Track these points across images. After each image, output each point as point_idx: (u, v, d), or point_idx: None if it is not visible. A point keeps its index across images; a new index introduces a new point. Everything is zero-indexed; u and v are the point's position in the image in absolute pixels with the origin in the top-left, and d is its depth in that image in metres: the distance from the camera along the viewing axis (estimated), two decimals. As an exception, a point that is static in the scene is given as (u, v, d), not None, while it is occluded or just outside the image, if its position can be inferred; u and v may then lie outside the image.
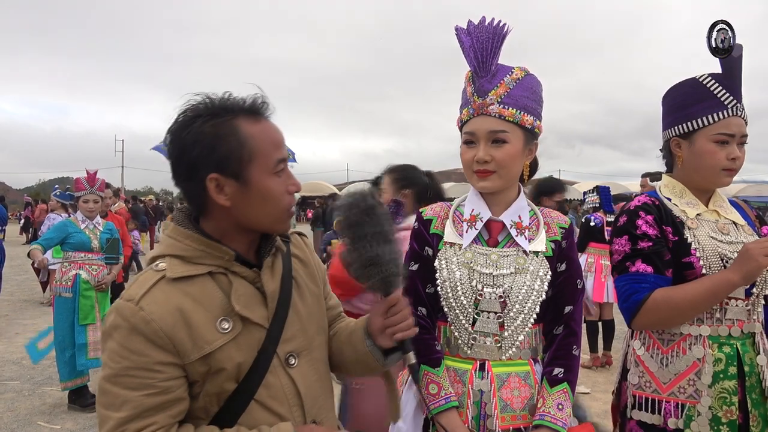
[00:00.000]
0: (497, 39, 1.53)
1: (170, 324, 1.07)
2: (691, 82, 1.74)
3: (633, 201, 1.80)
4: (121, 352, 1.06)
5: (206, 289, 1.13)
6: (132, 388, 1.05)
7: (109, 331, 1.09)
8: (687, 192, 1.77)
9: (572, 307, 1.61)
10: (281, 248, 1.29)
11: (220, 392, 1.13)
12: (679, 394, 1.65)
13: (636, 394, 1.74)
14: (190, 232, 1.16)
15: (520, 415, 1.54)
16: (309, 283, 1.34)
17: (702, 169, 1.71)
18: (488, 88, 1.54)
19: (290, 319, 1.23)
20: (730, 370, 1.63)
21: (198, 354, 1.09)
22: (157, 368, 1.06)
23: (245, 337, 1.15)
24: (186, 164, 1.13)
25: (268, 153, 1.15)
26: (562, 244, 1.62)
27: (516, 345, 1.56)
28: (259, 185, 1.14)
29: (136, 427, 1.04)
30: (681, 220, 1.71)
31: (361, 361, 1.34)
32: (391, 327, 1.27)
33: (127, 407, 1.05)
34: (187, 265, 1.14)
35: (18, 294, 9.72)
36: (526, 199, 1.67)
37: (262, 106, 1.18)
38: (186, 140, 1.11)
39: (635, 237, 1.70)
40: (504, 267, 1.56)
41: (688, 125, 1.71)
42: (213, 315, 1.12)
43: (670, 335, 1.69)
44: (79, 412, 4.36)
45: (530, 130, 1.57)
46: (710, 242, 1.67)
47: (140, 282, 1.12)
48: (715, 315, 1.65)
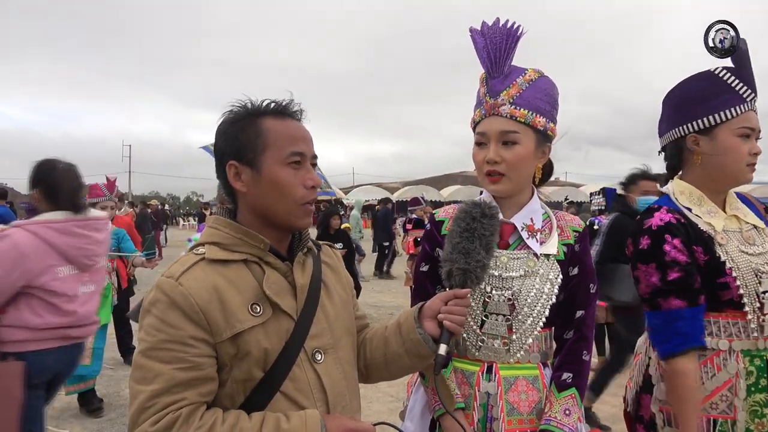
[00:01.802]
0: (511, 40, 1.53)
1: (206, 300, 1.13)
2: (706, 75, 1.65)
3: (653, 219, 1.63)
4: (158, 326, 1.11)
5: (241, 274, 1.20)
6: (165, 361, 1.10)
7: (148, 307, 1.14)
8: (705, 199, 1.66)
9: (584, 311, 1.59)
10: (312, 250, 1.36)
11: (247, 379, 1.16)
12: (711, 410, 1.58)
13: (664, 409, 1.66)
14: (230, 221, 1.25)
15: (528, 419, 1.53)
16: (338, 288, 1.39)
17: (726, 165, 1.62)
18: (500, 89, 1.54)
19: (318, 317, 1.27)
20: (761, 382, 1.57)
21: (230, 332, 1.13)
22: (190, 342, 1.11)
23: (273, 324, 1.19)
24: (217, 155, 1.26)
25: (282, 144, 1.22)
26: (575, 248, 1.60)
27: (524, 348, 1.55)
28: (270, 173, 1.21)
29: (167, 401, 1.08)
30: (709, 235, 1.60)
31: (409, 350, 1.35)
32: (446, 314, 1.30)
33: (159, 380, 1.09)
34: (224, 251, 1.21)
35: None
36: (540, 201, 1.65)
37: (288, 107, 1.27)
38: (217, 135, 1.26)
39: (664, 265, 1.57)
40: (513, 269, 1.55)
41: (709, 119, 1.61)
42: (245, 298, 1.17)
43: (702, 351, 1.60)
44: (86, 417, 4.37)
45: (543, 132, 1.55)
46: (742, 258, 1.58)
47: (181, 262, 1.20)
48: (752, 332, 1.58)
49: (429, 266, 1.66)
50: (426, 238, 1.71)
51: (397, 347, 1.37)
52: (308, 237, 1.35)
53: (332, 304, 1.34)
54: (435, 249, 1.66)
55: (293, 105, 1.28)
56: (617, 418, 4.15)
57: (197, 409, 1.10)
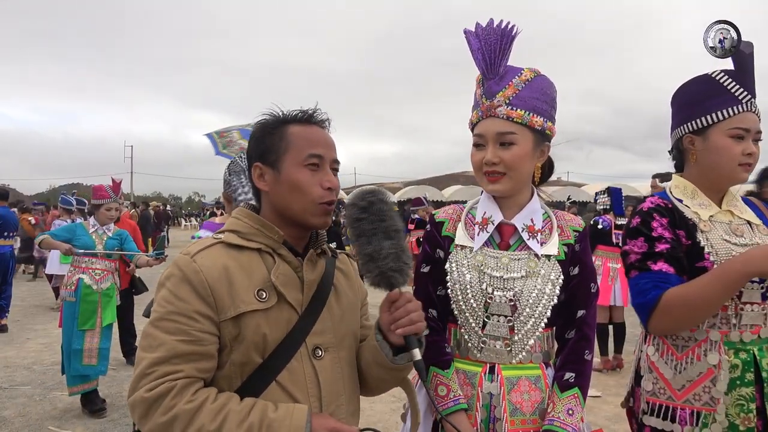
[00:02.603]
0: (505, 40, 1.52)
1: (215, 277, 1.19)
2: (703, 78, 1.70)
3: (645, 203, 1.76)
4: (168, 298, 1.18)
5: (253, 261, 1.26)
6: (169, 332, 1.16)
7: (163, 281, 1.22)
8: (699, 192, 1.73)
9: (585, 311, 1.59)
10: (327, 253, 1.41)
11: (245, 362, 1.20)
12: (695, 402, 1.62)
13: (650, 400, 1.70)
14: (251, 212, 1.34)
15: (530, 419, 1.53)
16: (348, 292, 1.42)
17: (718, 165, 1.67)
18: (496, 90, 1.54)
19: (323, 316, 1.31)
20: (747, 376, 1.59)
21: (233, 311, 1.19)
22: (195, 316, 1.17)
23: (276, 313, 1.23)
24: (247, 157, 1.37)
25: (302, 147, 1.29)
26: (575, 248, 1.60)
27: (526, 349, 1.55)
28: (289, 174, 1.28)
29: (165, 370, 1.13)
30: (693, 223, 1.68)
31: (377, 362, 1.34)
32: (395, 323, 1.28)
33: (161, 349, 1.14)
34: (241, 238, 1.29)
35: (29, 299, 9.81)
36: (540, 201, 1.65)
37: (314, 116, 1.35)
38: (250, 140, 1.37)
39: (652, 239, 1.66)
40: (515, 270, 1.55)
41: (703, 120, 1.67)
42: (253, 283, 1.23)
43: (685, 340, 1.66)
44: (89, 417, 4.38)
45: (540, 132, 1.56)
46: (723, 245, 1.63)
47: (200, 243, 1.28)
48: (731, 320, 1.61)
49: (430, 267, 1.66)
50: (427, 240, 1.71)
51: (369, 357, 1.38)
52: (324, 238, 1.40)
53: (339, 305, 1.36)
54: (436, 250, 1.66)
55: (320, 114, 1.36)
56: (620, 418, 4.15)
57: (193, 383, 1.15)
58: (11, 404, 4.65)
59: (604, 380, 5.43)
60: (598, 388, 5.12)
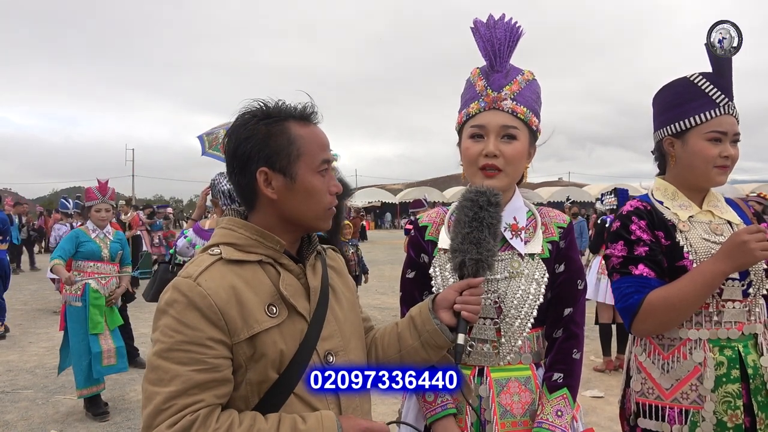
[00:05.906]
0: (513, 37, 1.55)
1: (224, 300, 1.12)
2: (682, 81, 1.73)
3: (625, 206, 1.79)
4: (175, 327, 1.10)
5: (257, 275, 1.20)
6: (183, 363, 1.09)
7: (164, 308, 1.13)
8: (679, 194, 1.75)
9: (572, 309, 1.58)
10: (321, 253, 1.38)
11: (262, 381, 1.16)
12: (683, 400, 1.63)
13: (639, 401, 1.71)
14: (245, 222, 1.26)
15: (521, 420, 1.51)
16: (345, 291, 1.41)
17: (695, 167, 1.70)
18: (503, 83, 1.54)
19: (328, 319, 1.28)
20: (733, 373, 1.60)
21: (247, 333, 1.13)
22: (208, 344, 1.10)
23: (289, 326, 1.20)
24: (240, 158, 1.22)
25: (315, 153, 1.24)
26: (560, 245, 1.59)
27: (515, 350, 1.54)
28: (305, 181, 1.23)
29: (184, 403, 1.07)
30: (673, 223, 1.70)
31: (426, 342, 1.36)
32: (462, 304, 1.32)
33: (176, 382, 1.08)
34: (240, 252, 1.21)
35: (32, 303, 9.82)
36: (523, 199, 1.65)
37: (311, 112, 1.29)
38: (241, 136, 1.23)
39: (631, 242, 1.69)
40: (498, 272, 1.54)
41: (681, 124, 1.70)
42: (262, 299, 1.18)
43: (670, 340, 1.67)
44: (91, 421, 4.39)
45: (534, 132, 1.58)
46: (703, 244, 1.65)
47: (197, 262, 1.19)
48: (713, 318, 1.63)
49: (415, 273, 1.65)
50: (411, 245, 1.70)
51: (413, 341, 1.38)
52: (317, 240, 1.37)
53: (340, 306, 1.35)
54: (420, 255, 1.65)
55: (312, 108, 1.29)
56: (621, 419, 4.14)
57: (214, 410, 1.10)
58: (14, 408, 4.67)
59: (607, 380, 5.41)
60: (600, 388, 5.10)
